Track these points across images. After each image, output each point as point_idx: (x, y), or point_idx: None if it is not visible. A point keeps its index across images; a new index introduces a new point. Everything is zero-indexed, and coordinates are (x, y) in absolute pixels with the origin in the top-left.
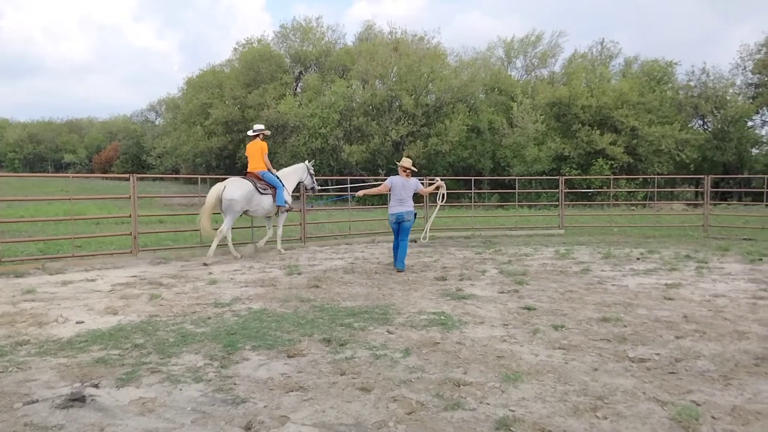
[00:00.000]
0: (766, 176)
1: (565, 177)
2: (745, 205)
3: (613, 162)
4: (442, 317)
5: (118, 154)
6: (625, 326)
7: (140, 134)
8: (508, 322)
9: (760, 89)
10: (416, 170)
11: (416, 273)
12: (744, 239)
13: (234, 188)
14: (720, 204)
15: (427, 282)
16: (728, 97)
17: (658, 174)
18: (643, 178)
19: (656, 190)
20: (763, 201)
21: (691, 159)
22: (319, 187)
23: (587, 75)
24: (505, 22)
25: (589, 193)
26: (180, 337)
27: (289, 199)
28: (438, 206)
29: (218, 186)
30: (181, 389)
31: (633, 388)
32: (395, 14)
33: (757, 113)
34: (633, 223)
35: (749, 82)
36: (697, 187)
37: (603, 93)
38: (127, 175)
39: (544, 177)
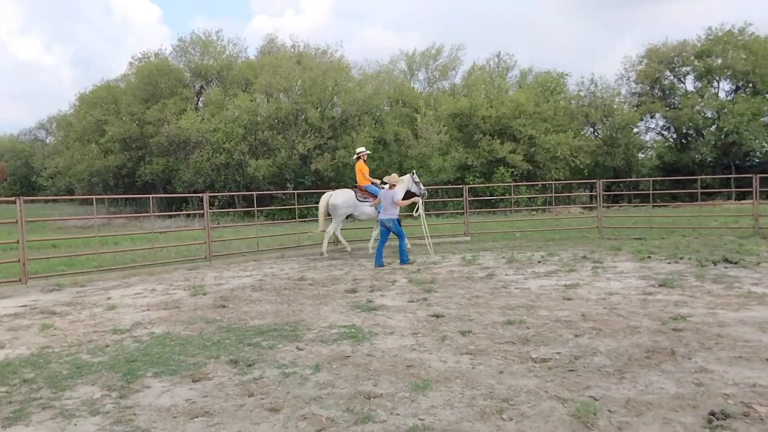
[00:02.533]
0: (651, 179)
1: (469, 185)
2: (635, 206)
3: (513, 169)
4: (353, 330)
5: (4, 176)
6: (528, 328)
7: (29, 154)
8: (417, 330)
9: (643, 98)
10: (396, 183)
11: (327, 287)
12: (634, 239)
13: (337, 196)
14: (612, 206)
15: (337, 295)
16: (615, 106)
17: (556, 180)
18: (542, 184)
19: (554, 195)
20: (650, 202)
21: (585, 164)
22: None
23: (486, 86)
24: (406, 36)
25: (492, 200)
26: (75, 369)
27: (372, 209)
28: (422, 218)
29: (327, 194)
30: (75, 424)
31: (536, 388)
32: (297, 28)
33: (642, 120)
34: (534, 228)
35: (633, 91)
36: (591, 191)
37: (502, 104)
38: (13, 198)
39: (450, 186)
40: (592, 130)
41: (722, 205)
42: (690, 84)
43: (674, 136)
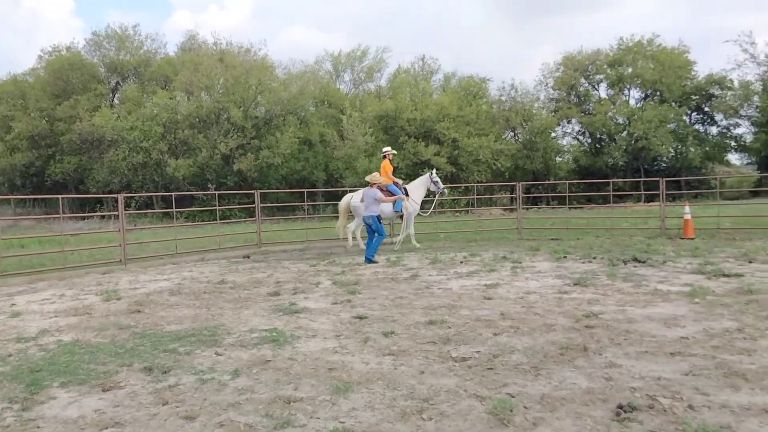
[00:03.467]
0: (568, 182)
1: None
2: (552, 208)
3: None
4: (274, 334)
5: None
6: (450, 327)
7: None
8: (340, 332)
9: (560, 104)
10: (378, 182)
11: (248, 290)
12: (551, 239)
13: (357, 197)
14: (531, 208)
15: (259, 298)
16: (534, 111)
17: (478, 182)
18: (465, 186)
19: (476, 197)
20: (566, 204)
21: (506, 167)
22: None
23: (411, 89)
24: (332, 36)
25: None
26: None
27: (411, 207)
28: (403, 215)
29: (348, 196)
30: None
31: (456, 387)
32: (220, 25)
33: (559, 125)
34: (457, 229)
35: (551, 97)
36: (511, 193)
37: (426, 107)
38: None
39: None
40: (512, 134)
41: (632, 207)
42: (603, 91)
43: (589, 140)
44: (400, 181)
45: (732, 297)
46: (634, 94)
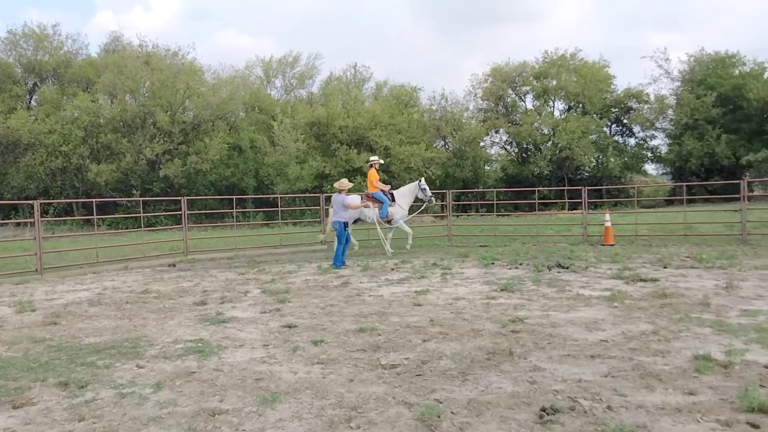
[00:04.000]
0: (496, 190)
1: (327, 194)
2: (481, 215)
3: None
4: (200, 344)
5: None
6: (380, 335)
7: None
8: (268, 342)
9: (489, 114)
10: (346, 188)
11: (173, 299)
12: (480, 246)
13: (348, 199)
14: (461, 215)
15: (185, 308)
16: (464, 121)
17: None
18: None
19: None
20: (494, 212)
21: (437, 175)
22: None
23: (343, 97)
24: (263, 41)
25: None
26: None
27: (399, 213)
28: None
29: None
30: None
31: (384, 394)
32: (145, 27)
33: (487, 135)
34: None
35: (480, 107)
36: (442, 201)
37: (358, 114)
38: None
39: (307, 195)
40: (443, 142)
41: (557, 215)
42: (530, 102)
43: (516, 150)
44: (386, 188)
45: (648, 301)
46: (559, 106)
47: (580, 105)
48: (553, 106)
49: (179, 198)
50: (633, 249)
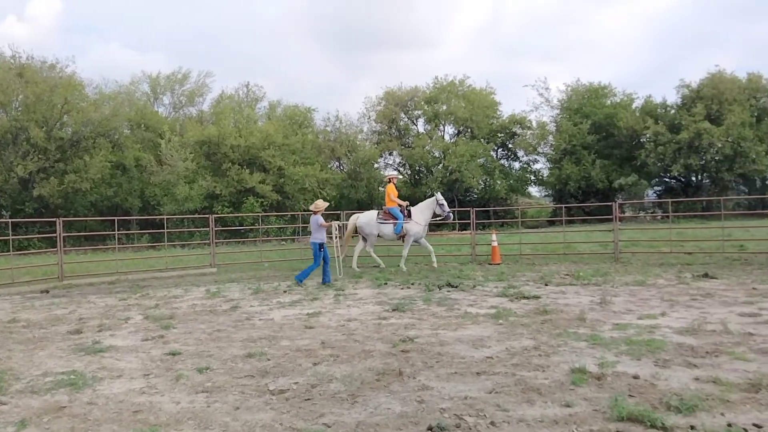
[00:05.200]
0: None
1: (217, 215)
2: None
3: (263, 200)
4: (72, 376)
5: None
6: (269, 360)
7: None
8: (149, 371)
9: (382, 136)
10: (321, 209)
11: (45, 328)
12: (373, 266)
13: (362, 217)
14: (356, 236)
15: (57, 338)
16: (358, 142)
17: (305, 210)
18: (291, 214)
19: (303, 225)
20: None
21: (332, 196)
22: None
23: (235, 116)
24: (150, 57)
25: (242, 230)
26: None
27: (414, 229)
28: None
29: (354, 216)
30: None
31: (271, 421)
32: (19, 37)
33: (381, 157)
34: (283, 258)
35: (373, 129)
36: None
37: (251, 134)
38: None
39: (197, 216)
40: (337, 163)
41: (447, 235)
42: (421, 126)
43: (409, 172)
44: (404, 204)
45: (530, 317)
46: (449, 130)
47: (469, 130)
48: (444, 130)
49: (54, 219)
50: (517, 267)
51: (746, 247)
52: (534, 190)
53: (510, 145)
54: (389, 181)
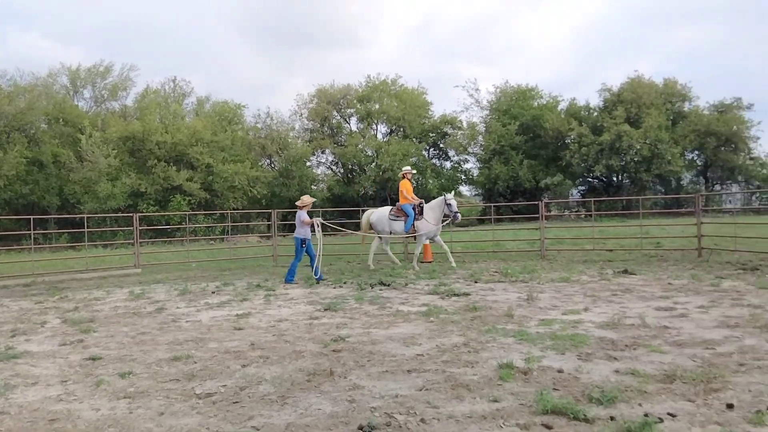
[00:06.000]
0: (323, 209)
1: (142, 214)
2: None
3: (191, 198)
4: None
5: None
6: (195, 362)
7: None
8: (67, 377)
9: (314, 134)
10: (306, 204)
11: None
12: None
13: (374, 214)
14: (288, 235)
15: None
16: (290, 140)
17: (234, 209)
18: (220, 213)
19: (232, 224)
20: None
21: (262, 194)
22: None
23: (161, 111)
24: (70, 49)
25: (168, 230)
26: None
27: (425, 228)
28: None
29: (368, 212)
30: None
31: (198, 426)
32: None
33: (314, 155)
34: (212, 257)
35: (305, 127)
36: (268, 221)
37: (178, 130)
38: None
39: (120, 214)
40: (268, 161)
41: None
42: (354, 125)
43: (342, 170)
44: (418, 200)
45: (460, 314)
46: (381, 129)
47: (401, 129)
48: (376, 129)
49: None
50: (448, 265)
51: (662, 244)
52: (465, 189)
53: (441, 145)
54: (403, 177)
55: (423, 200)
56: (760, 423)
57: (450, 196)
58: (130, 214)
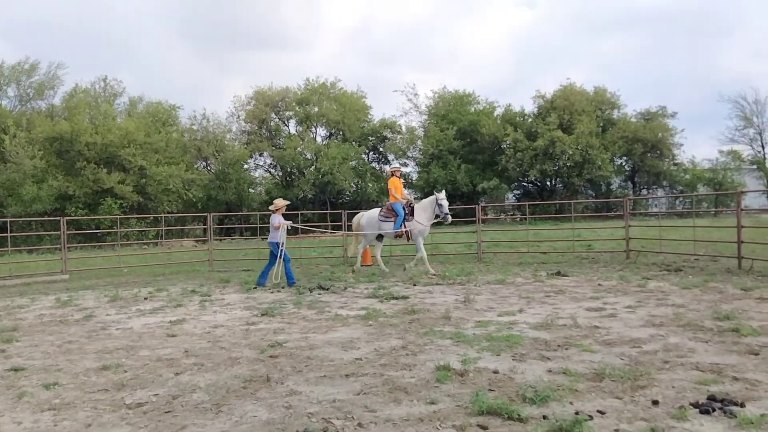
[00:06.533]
0: (260, 213)
1: (69, 217)
2: (246, 239)
3: (122, 201)
4: None
5: None
6: (126, 371)
7: None
8: None
9: (252, 137)
10: (280, 207)
11: None
12: (243, 270)
13: (363, 215)
14: (225, 239)
15: None
16: (227, 142)
17: (168, 212)
18: (153, 216)
19: (166, 228)
20: (258, 235)
21: (198, 198)
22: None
23: (91, 111)
24: None
25: (98, 234)
26: None
27: (417, 227)
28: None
29: (359, 215)
30: None
31: None
32: None
33: (251, 158)
34: (144, 263)
35: (243, 129)
36: (204, 225)
37: (109, 131)
38: None
39: (46, 218)
40: (204, 164)
41: (319, 237)
42: (293, 127)
43: (280, 173)
44: (411, 199)
45: (399, 317)
46: (321, 132)
47: (341, 132)
48: (316, 132)
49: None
50: (387, 269)
51: (593, 247)
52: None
53: (381, 149)
54: (392, 174)
55: (411, 200)
56: (682, 418)
57: (442, 195)
58: (57, 218)
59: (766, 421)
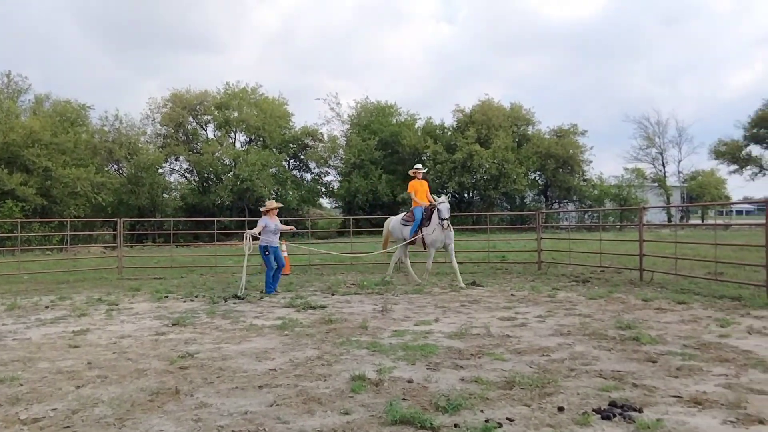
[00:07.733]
0: (174, 219)
1: None
2: (158, 246)
3: (24, 204)
4: None
5: None
6: (22, 384)
7: None
8: None
9: (168, 140)
10: (276, 207)
11: None
12: (155, 278)
13: (392, 221)
14: (136, 246)
15: None
16: (141, 145)
17: (75, 217)
18: (58, 221)
19: (72, 233)
20: (172, 242)
21: (108, 202)
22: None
23: None
24: None
25: None
26: None
27: (426, 236)
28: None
29: (389, 219)
30: None
31: None
32: None
33: (167, 162)
34: (47, 269)
35: (158, 132)
36: (114, 230)
37: (11, 129)
38: None
39: None
40: (116, 167)
41: (237, 245)
42: (211, 132)
43: (197, 179)
44: (425, 204)
45: (316, 327)
46: (240, 138)
47: (261, 138)
48: (235, 138)
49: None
50: (306, 278)
51: (507, 258)
52: (325, 201)
53: (302, 157)
54: (414, 176)
55: (430, 203)
56: (585, 424)
57: (441, 199)
58: None
59: (662, 425)
